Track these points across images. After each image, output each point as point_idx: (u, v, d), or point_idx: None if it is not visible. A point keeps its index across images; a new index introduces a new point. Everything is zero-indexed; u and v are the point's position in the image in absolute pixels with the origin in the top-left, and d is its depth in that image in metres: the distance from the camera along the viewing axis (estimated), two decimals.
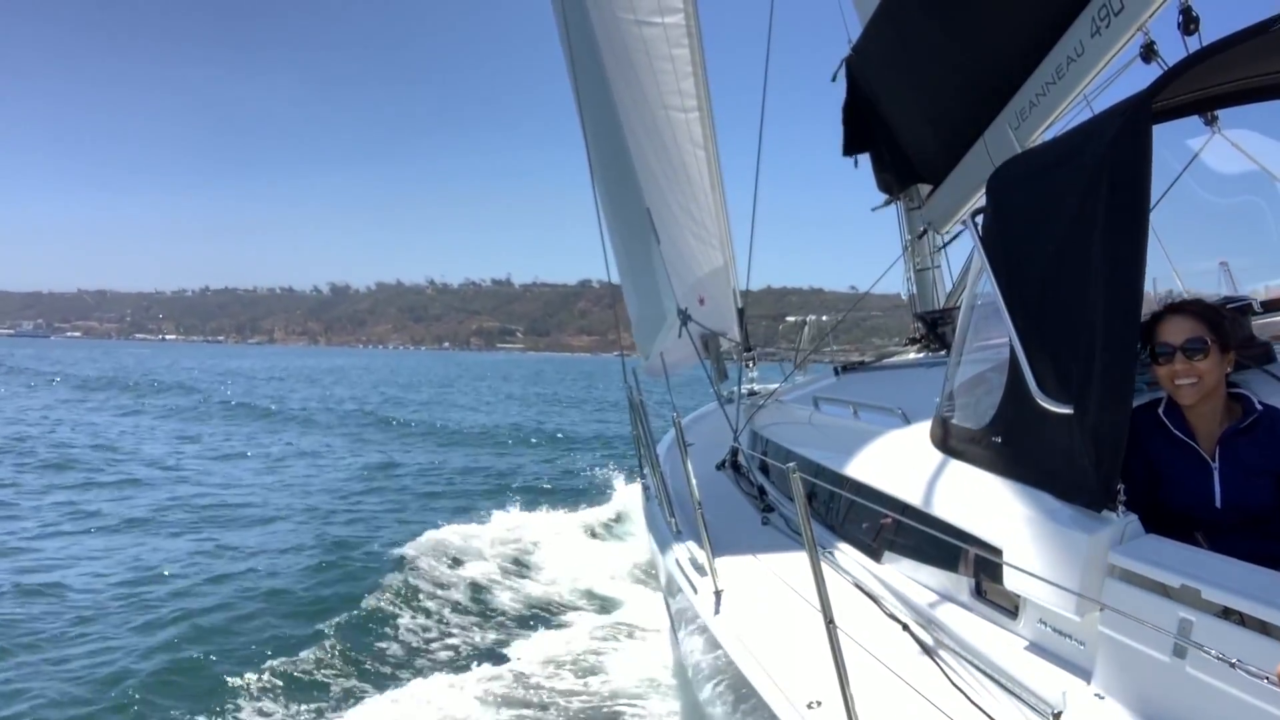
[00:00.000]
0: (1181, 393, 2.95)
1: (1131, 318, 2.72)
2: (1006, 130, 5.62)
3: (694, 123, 8.84)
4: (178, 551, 11.81)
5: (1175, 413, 3.02)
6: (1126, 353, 2.71)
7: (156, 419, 31.17)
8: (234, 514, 14.58)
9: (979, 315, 3.72)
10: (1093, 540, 2.61)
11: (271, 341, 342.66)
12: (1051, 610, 2.81)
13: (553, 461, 22.86)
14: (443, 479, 19.14)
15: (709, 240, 9.02)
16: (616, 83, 8.57)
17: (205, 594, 9.82)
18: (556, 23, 8.87)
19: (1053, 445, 2.89)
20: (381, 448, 24.46)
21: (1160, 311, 3.05)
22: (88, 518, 13.85)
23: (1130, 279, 2.70)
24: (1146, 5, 4.53)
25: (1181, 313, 2.99)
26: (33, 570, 10.71)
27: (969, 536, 3.30)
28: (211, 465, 20.07)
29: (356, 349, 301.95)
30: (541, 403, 47.89)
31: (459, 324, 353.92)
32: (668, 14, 8.71)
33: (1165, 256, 5.70)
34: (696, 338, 7.84)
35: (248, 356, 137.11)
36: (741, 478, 6.64)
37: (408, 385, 60.69)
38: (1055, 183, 3.13)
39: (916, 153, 6.81)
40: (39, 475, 17.62)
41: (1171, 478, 2.97)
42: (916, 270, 7.47)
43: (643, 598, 9.56)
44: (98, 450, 21.70)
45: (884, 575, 4.07)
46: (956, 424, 3.67)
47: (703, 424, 8.97)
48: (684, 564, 4.89)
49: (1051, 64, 5.22)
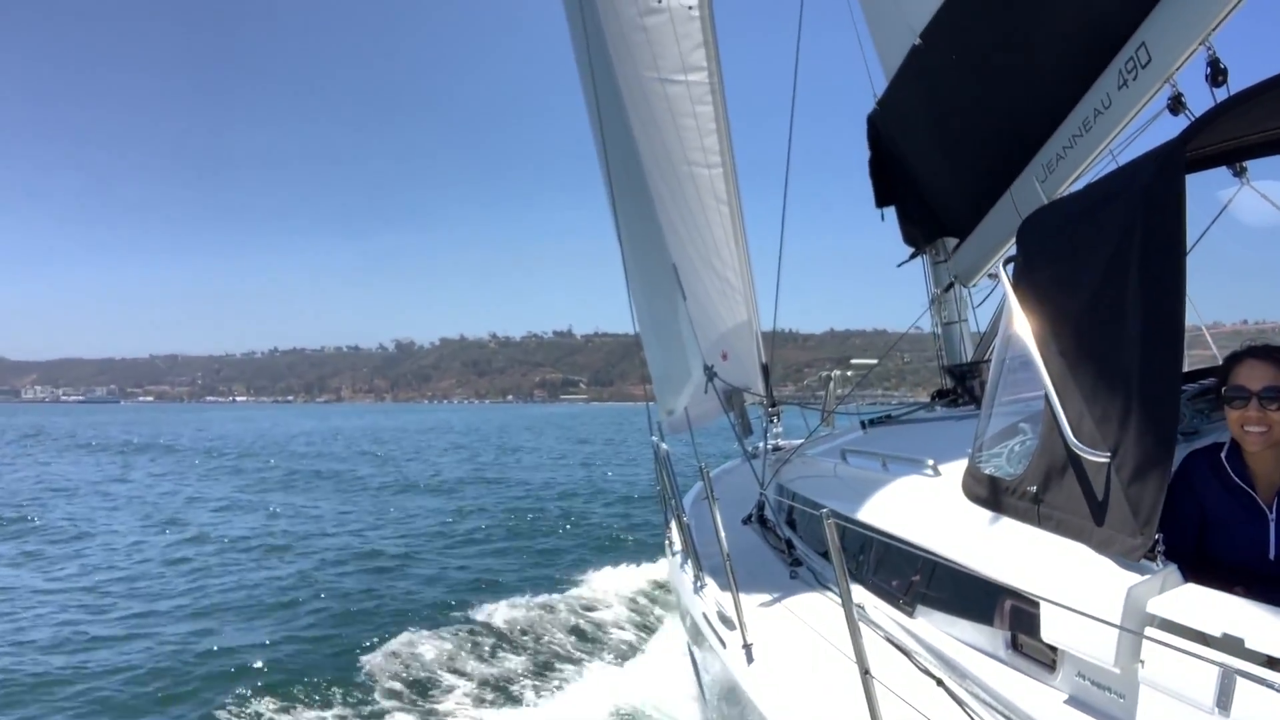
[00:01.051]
0: (1249, 439, 2.83)
1: (1174, 363, 2.67)
2: (1033, 183, 5.61)
3: (717, 179, 8.91)
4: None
5: (1236, 458, 2.90)
6: (1169, 398, 2.66)
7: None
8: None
9: (1010, 366, 3.65)
10: (1131, 590, 2.55)
11: (339, 400, 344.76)
12: (1090, 662, 2.73)
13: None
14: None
15: (732, 296, 9.04)
16: (641, 139, 8.67)
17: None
18: (581, 80, 9.02)
19: (1089, 494, 2.82)
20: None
21: (1240, 353, 2.91)
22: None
23: (1170, 324, 2.66)
24: (1174, 57, 4.53)
25: (1262, 358, 2.84)
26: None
27: (1004, 588, 3.22)
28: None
29: (422, 404, 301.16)
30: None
31: (522, 376, 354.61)
32: (691, 72, 8.84)
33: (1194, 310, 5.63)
34: (720, 393, 7.80)
35: (333, 415, 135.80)
36: (769, 531, 6.54)
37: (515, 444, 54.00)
38: (1088, 230, 3.10)
39: (942, 207, 6.80)
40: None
41: (1223, 525, 2.87)
42: (944, 324, 7.42)
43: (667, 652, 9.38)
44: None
45: (917, 629, 3.98)
46: (989, 474, 3.59)
47: (728, 478, 8.89)
48: (712, 617, 4.81)
49: (1079, 116, 5.22)
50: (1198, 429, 3.61)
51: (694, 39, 8.85)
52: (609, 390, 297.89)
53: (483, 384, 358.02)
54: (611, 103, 8.66)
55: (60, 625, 11.09)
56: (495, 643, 9.94)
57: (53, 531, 18.83)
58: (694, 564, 5.57)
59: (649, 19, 8.76)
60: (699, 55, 8.88)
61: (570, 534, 18.35)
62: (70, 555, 16.18)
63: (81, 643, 10.32)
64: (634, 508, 21.90)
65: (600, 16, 8.70)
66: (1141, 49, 4.70)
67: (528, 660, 9.44)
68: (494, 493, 26.04)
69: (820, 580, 5.24)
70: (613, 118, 8.63)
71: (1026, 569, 3.11)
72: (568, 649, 9.85)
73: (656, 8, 8.75)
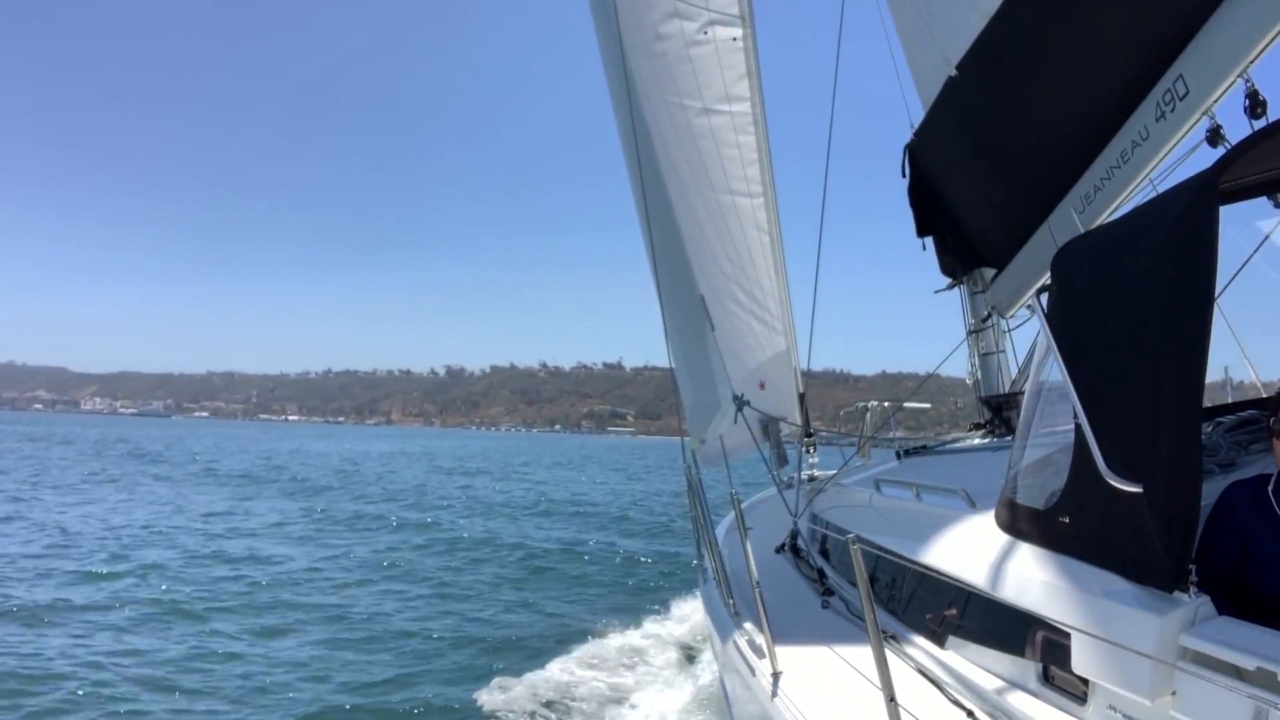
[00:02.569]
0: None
1: (1195, 394, 2.65)
2: (1071, 214, 5.58)
3: (759, 208, 8.95)
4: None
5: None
6: (1191, 430, 2.64)
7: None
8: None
9: (1045, 398, 3.64)
10: (1164, 622, 2.52)
11: (389, 422, 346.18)
12: (1122, 695, 2.70)
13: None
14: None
15: (772, 324, 9.04)
16: (683, 169, 8.76)
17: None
18: (615, 111, 9.14)
19: (1122, 524, 2.80)
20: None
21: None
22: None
23: (1194, 357, 2.64)
24: (1212, 89, 4.50)
25: None
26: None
27: (1036, 620, 3.20)
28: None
29: (470, 430, 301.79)
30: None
31: (570, 406, 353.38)
32: (735, 102, 8.93)
33: (1235, 341, 5.54)
34: (754, 423, 7.79)
35: (388, 438, 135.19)
36: (801, 561, 6.49)
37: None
38: (1121, 260, 3.09)
39: (980, 237, 6.77)
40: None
41: (1264, 559, 2.82)
42: (981, 355, 7.36)
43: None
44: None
45: (948, 660, 3.94)
46: (1023, 505, 3.57)
47: (761, 508, 8.84)
48: (742, 646, 4.76)
49: (1116, 148, 5.19)
50: (1235, 460, 3.57)
51: (738, 69, 8.96)
52: (656, 424, 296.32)
53: (531, 412, 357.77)
54: (649, 133, 8.77)
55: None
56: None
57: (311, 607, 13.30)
58: (725, 592, 5.54)
59: (694, 50, 8.90)
60: (743, 85, 8.98)
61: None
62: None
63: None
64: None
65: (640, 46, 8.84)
66: (1179, 81, 4.68)
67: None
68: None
69: (852, 610, 5.19)
70: (650, 148, 8.74)
71: (1058, 600, 3.09)
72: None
73: (702, 39, 8.88)
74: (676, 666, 10.17)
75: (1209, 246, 2.67)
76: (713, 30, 8.92)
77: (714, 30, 8.91)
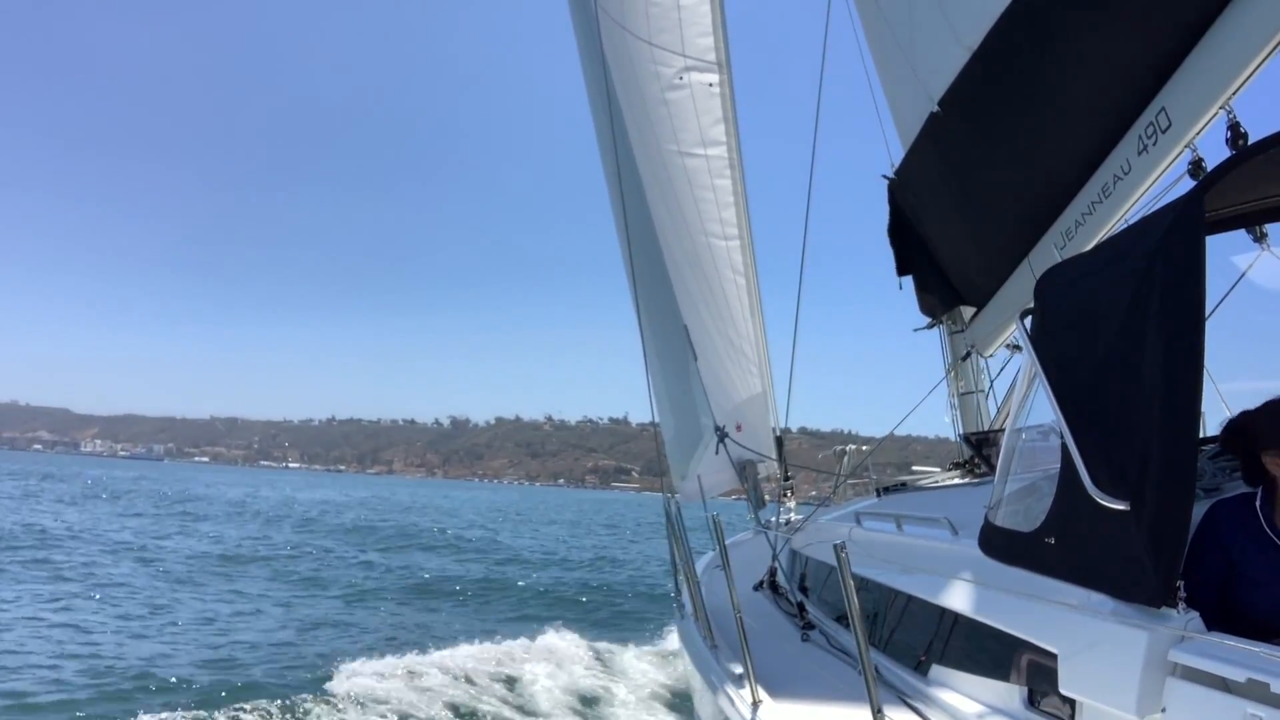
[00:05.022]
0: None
1: (1193, 408, 2.62)
2: (1052, 251, 5.53)
3: (734, 250, 8.95)
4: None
5: (1270, 508, 2.84)
6: (1188, 446, 2.60)
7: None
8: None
9: (1029, 435, 3.61)
10: (1153, 638, 2.50)
11: (390, 472, 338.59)
12: (1110, 714, 2.66)
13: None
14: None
15: (747, 367, 8.98)
16: (659, 209, 8.75)
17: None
18: (601, 152, 9.14)
19: (1109, 543, 2.76)
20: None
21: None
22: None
23: (1190, 370, 2.60)
24: (1195, 121, 4.48)
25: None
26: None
27: (1021, 642, 3.18)
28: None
29: (472, 482, 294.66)
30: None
31: (574, 461, 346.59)
32: (710, 146, 8.96)
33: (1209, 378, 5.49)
34: (734, 460, 7.69)
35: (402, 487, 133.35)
36: (780, 597, 6.49)
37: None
38: (1106, 281, 3.06)
39: (959, 275, 6.72)
40: None
41: (1252, 577, 2.76)
42: (960, 394, 7.29)
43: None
44: None
45: (931, 689, 3.90)
46: (1007, 528, 3.52)
47: (740, 549, 8.74)
48: (722, 680, 4.69)
49: (1098, 183, 5.16)
50: (1219, 485, 3.54)
51: (714, 114, 9.01)
52: (660, 481, 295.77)
53: (535, 465, 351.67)
54: (632, 174, 8.77)
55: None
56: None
57: None
58: (704, 625, 5.51)
59: (671, 94, 8.93)
60: (719, 130, 9.03)
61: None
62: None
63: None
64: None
65: (624, 90, 8.88)
66: (1162, 113, 4.66)
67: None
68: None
69: (832, 644, 5.18)
70: (633, 189, 8.73)
71: (1044, 621, 3.08)
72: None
73: (679, 84, 8.92)
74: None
75: (1195, 268, 2.65)
76: (689, 76, 8.98)
77: (690, 76, 8.97)
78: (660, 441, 8.35)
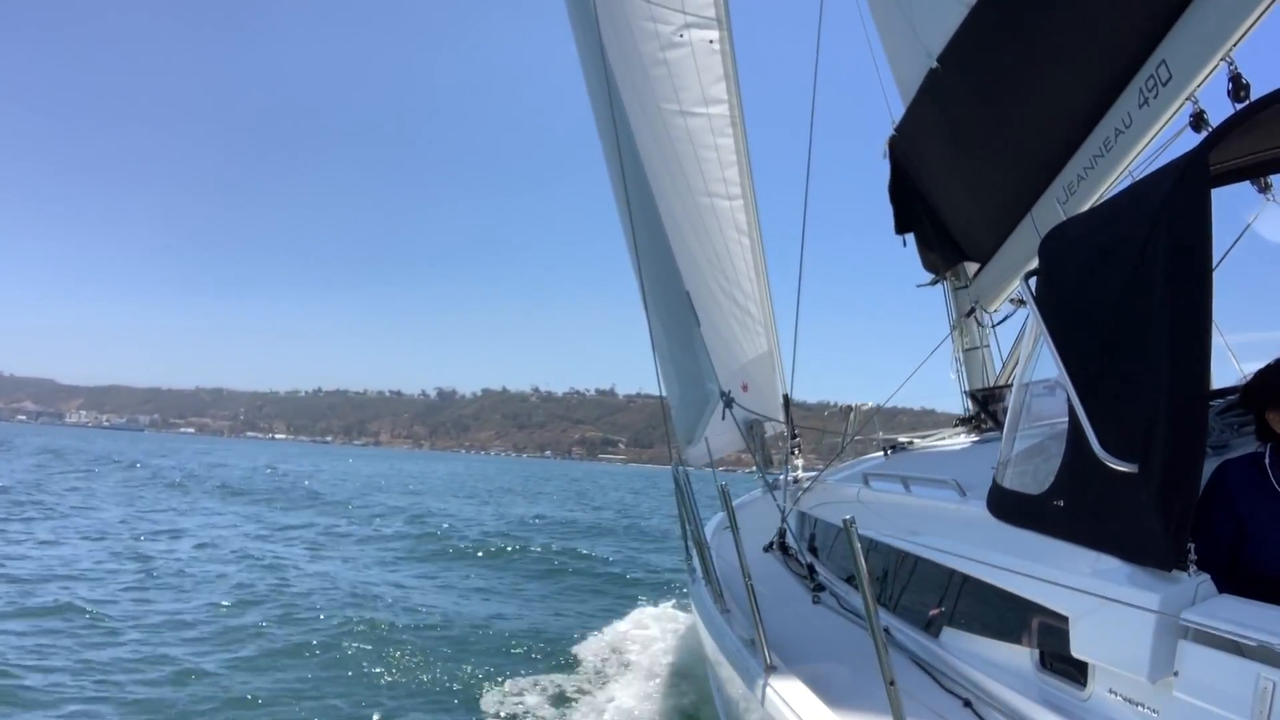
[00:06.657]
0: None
1: (1201, 369, 2.60)
2: (1054, 205, 5.54)
3: (738, 210, 8.91)
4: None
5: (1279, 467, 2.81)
6: (1198, 406, 2.58)
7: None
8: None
9: (1034, 387, 3.60)
10: (1164, 601, 2.47)
11: (377, 444, 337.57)
12: (1122, 676, 2.65)
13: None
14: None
15: (753, 327, 9.00)
16: (659, 171, 8.69)
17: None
18: (596, 114, 9.07)
19: (1118, 505, 2.74)
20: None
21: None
22: None
23: (1196, 330, 2.59)
24: (1195, 73, 4.47)
25: None
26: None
27: (1032, 605, 3.15)
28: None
29: (459, 454, 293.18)
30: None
31: (561, 432, 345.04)
32: (712, 105, 8.90)
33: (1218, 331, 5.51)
34: (741, 423, 7.71)
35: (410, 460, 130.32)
36: (790, 559, 6.45)
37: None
38: (1111, 239, 3.03)
39: (962, 232, 6.73)
40: None
41: (1262, 536, 2.75)
42: (965, 350, 7.32)
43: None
44: None
45: (943, 650, 3.89)
46: (1015, 490, 3.51)
47: (746, 510, 8.77)
48: (733, 643, 4.70)
49: (1099, 137, 5.16)
50: (1228, 443, 3.51)
51: (715, 72, 8.93)
52: (648, 453, 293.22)
53: (521, 437, 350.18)
54: (630, 136, 8.72)
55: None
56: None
57: None
58: (714, 588, 5.50)
59: (670, 53, 8.86)
60: (720, 88, 8.95)
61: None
62: None
63: None
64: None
65: (620, 50, 8.79)
66: (1162, 66, 4.66)
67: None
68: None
69: (843, 605, 5.17)
70: (631, 151, 8.68)
71: (1055, 585, 3.05)
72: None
73: (678, 42, 8.84)
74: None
75: (1201, 224, 2.63)
76: (689, 33, 8.88)
77: (690, 33, 8.87)
78: (666, 409, 8.39)
